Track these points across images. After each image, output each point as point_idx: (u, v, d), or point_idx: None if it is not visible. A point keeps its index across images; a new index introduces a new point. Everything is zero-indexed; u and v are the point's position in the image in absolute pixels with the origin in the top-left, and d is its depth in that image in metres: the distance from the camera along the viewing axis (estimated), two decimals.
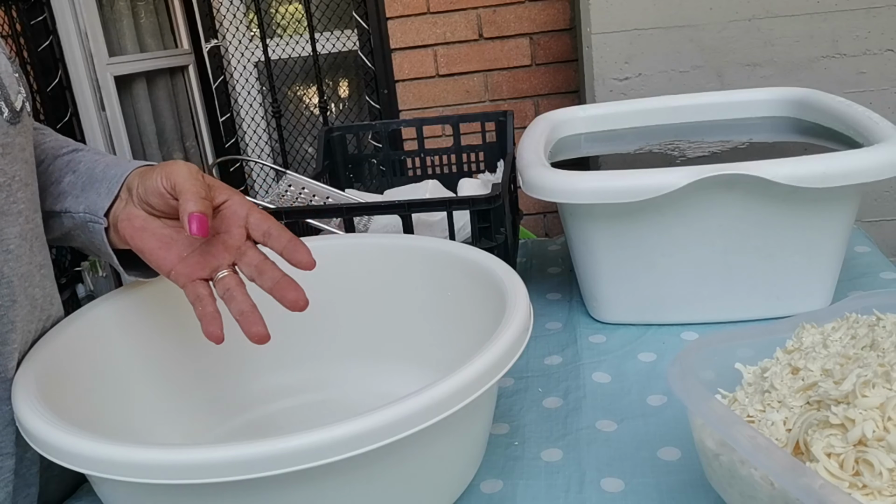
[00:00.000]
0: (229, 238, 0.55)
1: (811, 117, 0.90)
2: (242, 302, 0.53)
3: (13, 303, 0.54)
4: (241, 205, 0.56)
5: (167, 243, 0.56)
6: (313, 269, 0.53)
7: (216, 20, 2.36)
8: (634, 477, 0.57)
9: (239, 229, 0.55)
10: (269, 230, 0.55)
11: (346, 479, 0.44)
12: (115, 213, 0.58)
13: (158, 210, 0.56)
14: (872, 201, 1.66)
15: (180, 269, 0.55)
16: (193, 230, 0.51)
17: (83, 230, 0.60)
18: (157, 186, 0.55)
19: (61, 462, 0.44)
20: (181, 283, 0.55)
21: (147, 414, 0.62)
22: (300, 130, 2.48)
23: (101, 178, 0.59)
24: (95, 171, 0.60)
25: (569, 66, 2.16)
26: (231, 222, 0.55)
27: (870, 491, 0.38)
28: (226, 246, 0.55)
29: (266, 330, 0.52)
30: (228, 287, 0.54)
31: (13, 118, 0.53)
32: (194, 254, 0.56)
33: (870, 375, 0.42)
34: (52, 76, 2.01)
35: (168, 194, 0.54)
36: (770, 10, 1.58)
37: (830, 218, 0.72)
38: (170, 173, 0.54)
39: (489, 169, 1.10)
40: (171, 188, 0.54)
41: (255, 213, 0.56)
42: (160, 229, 0.56)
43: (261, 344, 0.51)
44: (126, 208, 0.57)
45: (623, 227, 0.74)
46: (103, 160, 0.61)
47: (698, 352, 0.50)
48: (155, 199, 0.55)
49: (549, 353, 0.76)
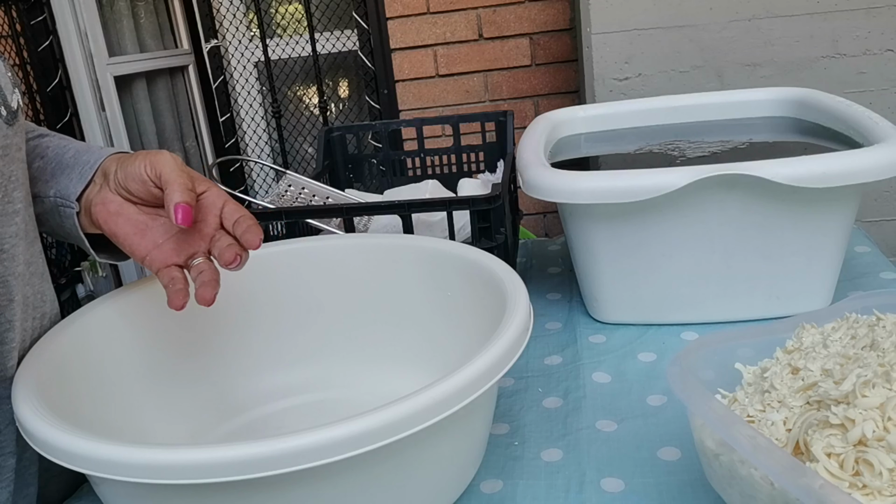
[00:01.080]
0: (205, 227, 0.58)
1: (811, 117, 0.90)
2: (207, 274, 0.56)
3: (10, 301, 0.54)
4: (218, 196, 0.58)
5: (142, 229, 0.58)
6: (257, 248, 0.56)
7: (216, 20, 2.36)
8: (634, 477, 0.57)
9: (214, 218, 0.58)
10: (238, 219, 0.57)
11: (346, 478, 0.44)
12: (89, 198, 0.59)
13: (136, 197, 0.58)
14: (872, 201, 1.66)
15: (155, 254, 0.57)
16: (179, 220, 0.54)
17: (53, 214, 0.61)
18: (140, 173, 0.56)
19: (61, 462, 0.44)
20: (155, 268, 0.57)
21: (147, 414, 0.62)
22: (300, 130, 2.48)
23: (71, 164, 0.60)
24: (65, 157, 0.61)
25: (569, 66, 2.16)
26: (207, 212, 0.58)
27: (870, 491, 0.38)
28: (201, 234, 0.58)
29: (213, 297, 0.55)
30: (202, 270, 0.56)
31: (10, 119, 0.53)
32: (169, 241, 0.58)
33: (870, 375, 0.42)
34: (52, 76, 2.01)
35: (151, 182, 0.56)
36: (770, 10, 1.58)
37: (830, 218, 0.72)
38: (155, 162, 0.56)
39: (489, 169, 1.10)
40: (154, 177, 0.56)
41: (230, 203, 0.58)
42: (135, 215, 0.58)
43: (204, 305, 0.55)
44: (101, 193, 0.58)
45: (623, 227, 0.74)
46: (72, 146, 0.63)
47: (698, 352, 0.50)
48: (135, 185, 0.57)
49: (549, 353, 0.76)
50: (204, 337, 0.67)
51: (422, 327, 0.68)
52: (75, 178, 0.59)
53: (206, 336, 0.67)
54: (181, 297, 0.55)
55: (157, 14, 2.29)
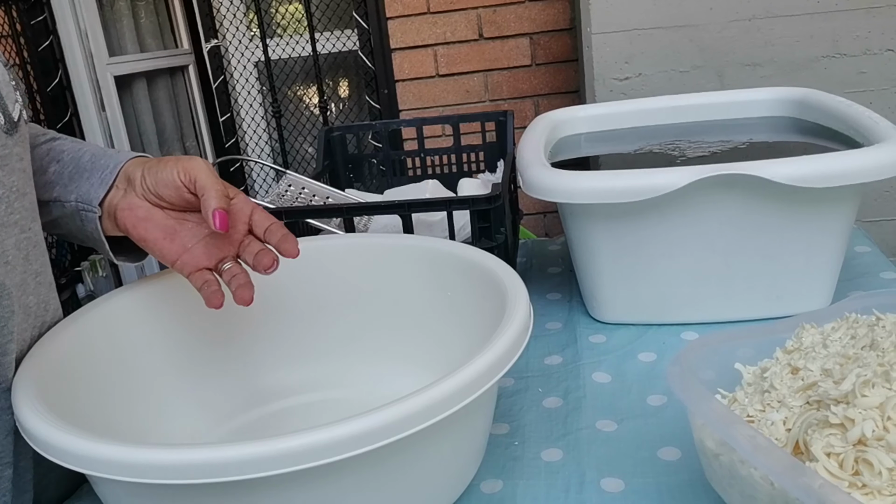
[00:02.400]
0: (234, 232, 0.59)
1: (811, 117, 0.90)
2: (242, 277, 0.58)
3: (12, 313, 0.54)
4: (247, 203, 0.60)
5: (171, 234, 0.59)
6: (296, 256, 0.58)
7: (216, 20, 2.36)
8: (634, 477, 0.57)
9: (243, 225, 0.59)
10: (270, 227, 0.59)
11: (347, 479, 0.44)
12: (112, 203, 0.59)
13: (167, 202, 0.59)
14: (872, 201, 1.66)
15: (186, 258, 0.59)
16: (217, 225, 0.55)
17: (74, 218, 0.61)
18: (174, 179, 0.57)
19: (61, 462, 0.44)
20: (186, 272, 0.59)
21: (148, 414, 0.62)
22: (300, 130, 2.48)
23: (90, 168, 0.61)
24: (82, 161, 0.62)
25: (569, 66, 2.16)
26: (237, 218, 0.59)
27: (869, 490, 0.38)
28: (230, 240, 0.59)
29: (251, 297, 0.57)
30: (234, 274, 0.58)
31: (10, 128, 0.53)
32: (198, 245, 0.59)
33: (869, 375, 0.42)
34: (52, 76, 2.01)
35: (185, 188, 0.57)
36: (770, 10, 1.58)
37: (830, 218, 0.72)
38: (189, 168, 0.57)
39: (489, 169, 1.10)
40: (189, 183, 0.57)
41: (259, 211, 0.60)
42: (163, 220, 0.59)
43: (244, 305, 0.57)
44: (126, 198, 0.59)
45: (623, 227, 0.74)
46: (87, 149, 0.63)
47: (698, 352, 0.50)
48: (168, 191, 0.58)
49: (549, 353, 0.76)
50: (203, 338, 0.67)
51: (422, 327, 0.68)
52: (96, 183, 0.60)
53: (206, 337, 0.67)
54: (219, 297, 0.57)
55: (157, 14, 2.29)
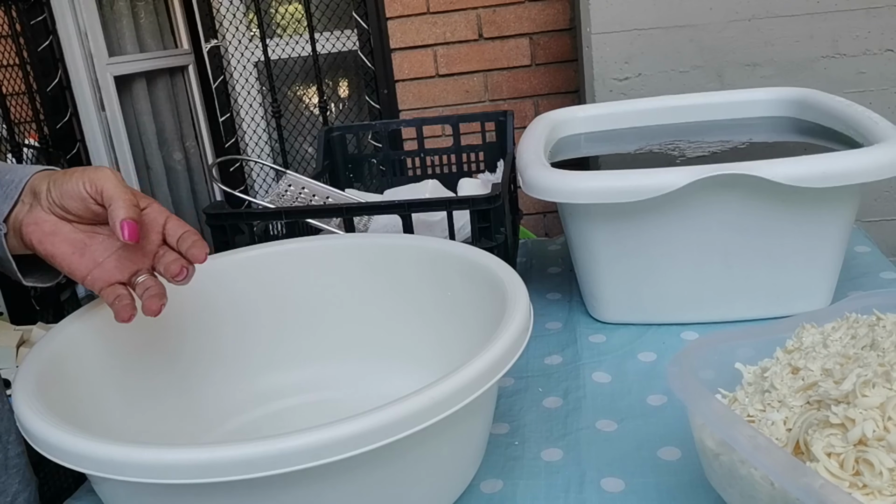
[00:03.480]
0: (147, 243, 0.57)
1: (811, 117, 0.90)
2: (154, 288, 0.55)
3: None
4: (160, 212, 0.57)
5: (80, 248, 0.56)
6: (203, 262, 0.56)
7: (216, 20, 2.36)
8: (634, 477, 0.57)
9: (157, 235, 0.57)
10: (182, 235, 0.56)
11: (347, 479, 0.44)
12: (18, 218, 0.56)
13: (73, 214, 0.56)
14: (872, 201, 1.66)
15: (97, 273, 0.56)
16: (126, 236, 0.52)
17: None
18: (79, 190, 0.54)
19: (61, 462, 0.44)
20: (98, 287, 0.56)
21: (147, 414, 0.62)
22: (300, 130, 2.48)
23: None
24: None
25: (569, 66, 2.16)
26: (150, 228, 0.57)
27: (870, 490, 0.38)
28: (144, 251, 0.57)
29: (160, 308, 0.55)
30: (149, 286, 0.55)
31: None
32: (111, 259, 0.57)
33: (870, 375, 0.42)
34: (52, 76, 2.01)
35: (92, 199, 0.55)
36: (770, 10, 1.57)
37: (830, 218, 0.72)
38: (95, 179, 0.54)
39: (489, 169, 1.10)
40: (95, 193, 0.54)
41: (173, 220, 0.58)
42: (72, 234, 0.56)
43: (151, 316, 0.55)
44: (32, 213, 0.56)
45: (623, 227, 0.74)
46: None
47: (698, 352, 0.50)
48: (73, 202, 0.55)
49: (549, 353, 0.76)
50: (204, 337, 0.67)
51: (422, 327, 0.68)
52: (0, 199, 0.56)
53: (207, 336, 0.67)
54: (128, 310, 0.54)
55: (157, 14, 2.29)
